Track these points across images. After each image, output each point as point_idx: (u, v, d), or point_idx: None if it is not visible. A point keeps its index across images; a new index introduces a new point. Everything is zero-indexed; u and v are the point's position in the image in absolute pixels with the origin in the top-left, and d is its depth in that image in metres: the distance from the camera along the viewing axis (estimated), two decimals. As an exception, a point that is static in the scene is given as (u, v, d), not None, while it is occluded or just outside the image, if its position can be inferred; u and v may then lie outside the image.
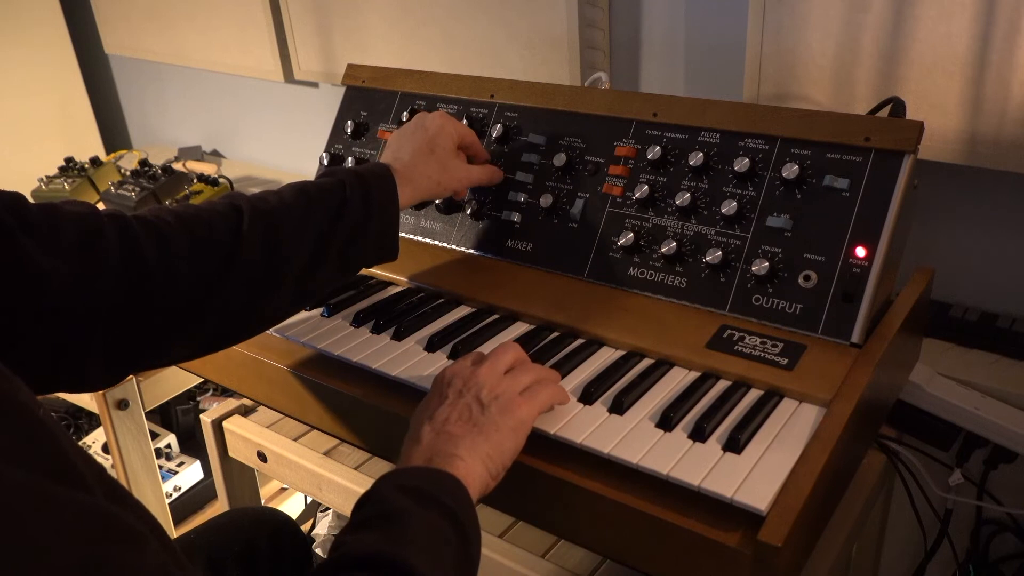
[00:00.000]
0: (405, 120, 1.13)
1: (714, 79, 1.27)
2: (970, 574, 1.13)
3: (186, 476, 1.78)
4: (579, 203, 0.98)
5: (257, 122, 2.10)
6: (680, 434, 0.73)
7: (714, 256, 0.88)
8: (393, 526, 0.60)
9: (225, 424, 1.15)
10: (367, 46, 1.64)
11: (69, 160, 1.93)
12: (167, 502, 1.61)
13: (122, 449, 1.44)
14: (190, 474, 1.78)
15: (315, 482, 1.05)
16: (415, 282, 1.02)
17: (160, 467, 1.68)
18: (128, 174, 1.86)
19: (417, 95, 1.15)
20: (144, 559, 0.43)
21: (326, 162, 1.21)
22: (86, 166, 1.91)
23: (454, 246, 1.06)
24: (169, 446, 1.82)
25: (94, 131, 2.36)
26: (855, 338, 0.81)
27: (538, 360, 0.82)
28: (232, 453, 1.16)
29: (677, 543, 0.67)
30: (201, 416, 1.17)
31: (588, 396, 0.78)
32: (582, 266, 0.97)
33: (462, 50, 1.49)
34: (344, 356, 0.88)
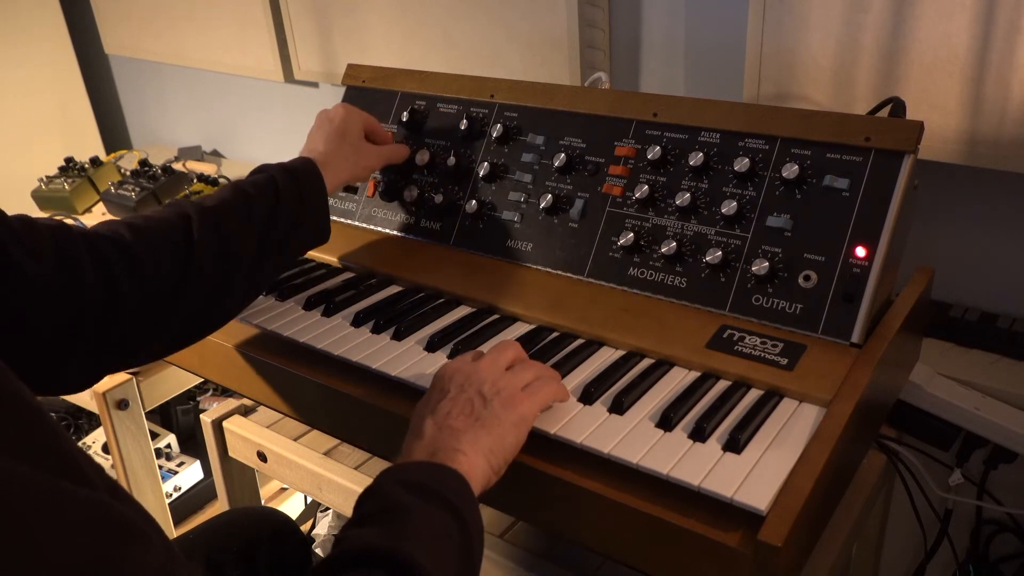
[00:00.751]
0: (405, 120, 1.13)
1: (714, 79, 1.28)
2: (970, 574, 1.14)
3: (186, 476, 1.78)
4: (579, 203, 0.98)
5: (257, 122, 2.10)
6: (680, 434, 0.73)
7: (714, 256, 0.88)
8: (395, 521, 0.60)
9: (225, 424, 1.15)
10: (367, 46, 1.64)
11: (69, 160, 1.93)
12: (167, 502, 1.61)
13: (122, 449, 1.44)
14: (190, 474, 1.78)
15: (315, 482, 1.05)
16: (415, 282, 1.02)
17: (160, 467, 1.68)
18: (128, 174, 1.86)
19: (417, 95, 1.15)
20: (148, 557, 0.43)
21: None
22: (86, 166, 1.91)
23: (454, 246, 1.06)
24: (169, 446, 1.82)
25: (94, 131, 2.36)
26: (855, 338, 0.81)
27: (538, 360, 0.82)
28: (232, 453, 1.17)
29: (677, 543, 0.67)
30: (201, 416, 1.17)
31: (588, 396, 0.78)
32: (582, 266, 0.97)
33: (462, 50, 1.49)
34: (344, 356, 0.88)
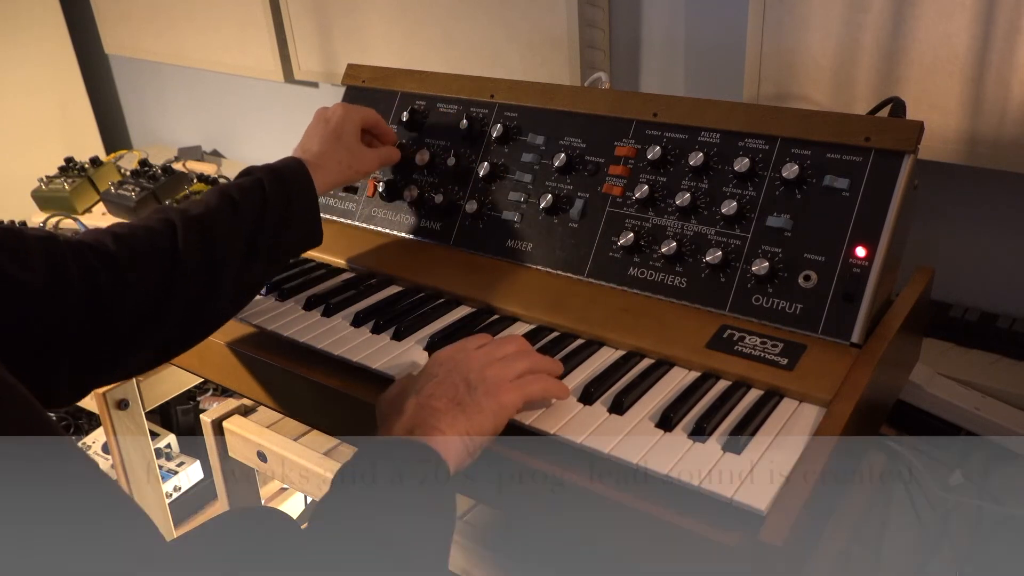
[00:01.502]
0: (405, 120, 1.13)
1: (714, 79, 1.27)
2: (970, 574, 1.13)
3: (186, 476, 1.78)
4: (579, 203, 0.98)
5: (257, 122, 2.10)
6: (680, 434, 0.73)
7: (714, 256, 0.88)
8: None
9: (225, 424, 1.15)
10: (367, 46, 1.64)
11: (69, 160, 1.93)
12: (167, 502, 1.61)
13: (122, 449, 1.44)
14: (190, 474, 1.78)
15: (315, 482, 1.05)
16: (415, 282, 1.02)
17: (160, 467, 1.68)
18: (128, 174, 1.86)
19: (417, 95, 1.15)
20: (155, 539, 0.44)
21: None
22: (86, 166, 1.91)
23: (454, 246, 1.06)
24: (169, 446, 1.82)
25: (94, 131, 2.36)
26: (855, 338, 0.81)
27: (538, 360, 0.82)
28: (232, 453, 1.17)
29: (677, 543, 0.67)
30: (201, 416, 1.17)
31: (588, 396, 0.78)
32: (582, 266, 0.97)
33: (462, 50, 1.49)
34: (344, 356, 0.88)
